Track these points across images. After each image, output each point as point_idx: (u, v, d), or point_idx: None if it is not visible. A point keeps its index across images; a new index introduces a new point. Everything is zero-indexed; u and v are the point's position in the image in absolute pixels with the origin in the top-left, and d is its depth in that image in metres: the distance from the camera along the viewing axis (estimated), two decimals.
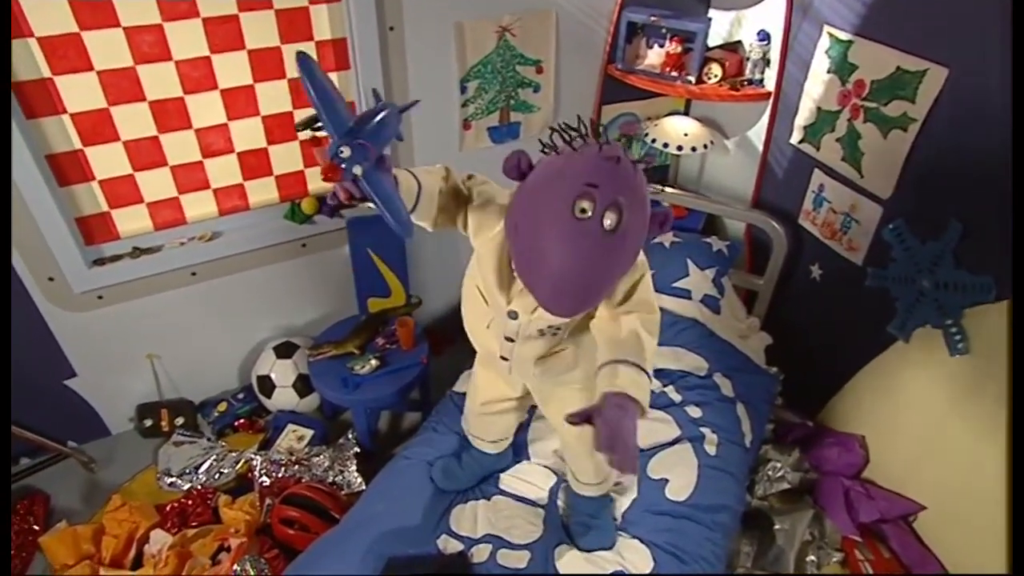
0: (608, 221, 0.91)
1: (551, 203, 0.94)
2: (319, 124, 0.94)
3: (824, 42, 1.98)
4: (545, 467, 1.80)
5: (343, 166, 0.90)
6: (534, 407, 1.78)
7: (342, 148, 0.90)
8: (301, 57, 0.90)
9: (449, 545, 1.59)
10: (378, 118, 0.96)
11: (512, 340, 1.31)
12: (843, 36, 1.90)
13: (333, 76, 2.08)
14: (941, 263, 1.69)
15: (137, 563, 1.88)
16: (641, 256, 1.15)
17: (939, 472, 1.84)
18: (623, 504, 1.70)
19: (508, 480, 1.77)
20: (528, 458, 1.83)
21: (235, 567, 1.77)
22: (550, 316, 1.10)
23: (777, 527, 1.87)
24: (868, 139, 1.88)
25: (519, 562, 1.54)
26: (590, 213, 0.90)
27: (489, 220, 1.17)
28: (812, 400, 2.27)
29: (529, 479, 1.77)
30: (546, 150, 1.04)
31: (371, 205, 0.95)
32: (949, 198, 1.67)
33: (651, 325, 1.16)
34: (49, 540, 1.88)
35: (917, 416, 1.89)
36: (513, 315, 1.24)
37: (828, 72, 1.98)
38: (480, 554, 1.56)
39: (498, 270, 1.20)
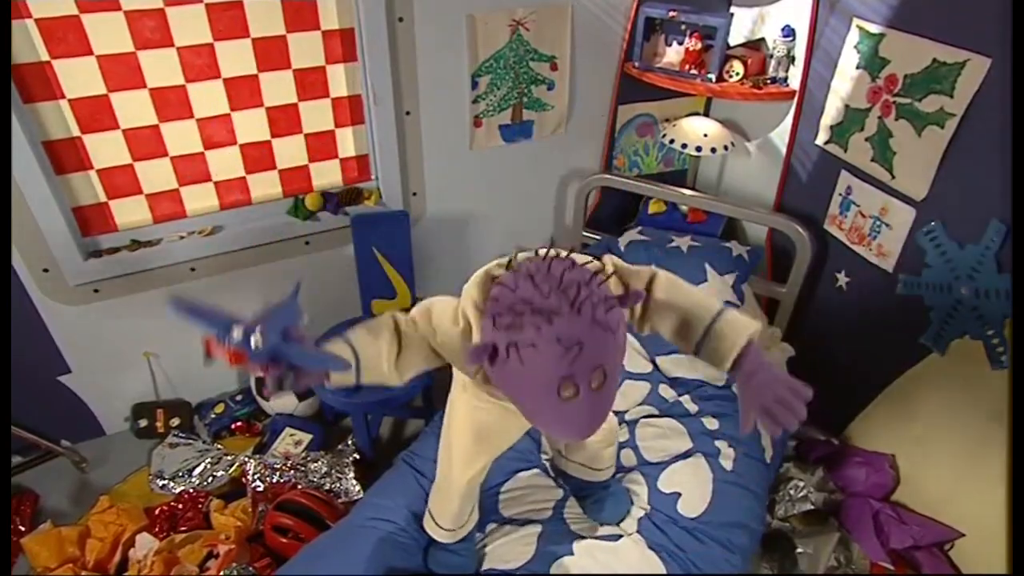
0: (595, 384, 0.86)
1: (536, 395, 0.87)
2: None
3: (853, 36, 1.89)
4: (551, 479, 1.71)
5: (241, 347, 0.88)
6: None
7: (232, 332, 0.89)
8: (173, 302, 0.91)
9: None
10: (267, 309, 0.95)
11: None
12: (874, 29, 1.81)
13: (339, 67, 2.03)
14: (982, 268, 1.58)
15: (122, 567, 1.82)
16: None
17: (979, 496, 1.71)
18: (636, 513, 1.62)
19: (509, 503, 1.66)
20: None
21: (221, 574, 1.69)
22: None
23: (800, 551, 1.78)
24: (900, 137, 1.78)
25: None
26: (574, 392, 0.85)
27: (464, 345, 1.06)
28: (837, 416, 2.16)
29: (533, 497, 1.67)
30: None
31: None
32: (990, 199, 1.56)
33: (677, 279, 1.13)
34: (32, 541, 1.81)
35: (954, 435, 1.77)
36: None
37: (857, 68, 1.89)
38: None
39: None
